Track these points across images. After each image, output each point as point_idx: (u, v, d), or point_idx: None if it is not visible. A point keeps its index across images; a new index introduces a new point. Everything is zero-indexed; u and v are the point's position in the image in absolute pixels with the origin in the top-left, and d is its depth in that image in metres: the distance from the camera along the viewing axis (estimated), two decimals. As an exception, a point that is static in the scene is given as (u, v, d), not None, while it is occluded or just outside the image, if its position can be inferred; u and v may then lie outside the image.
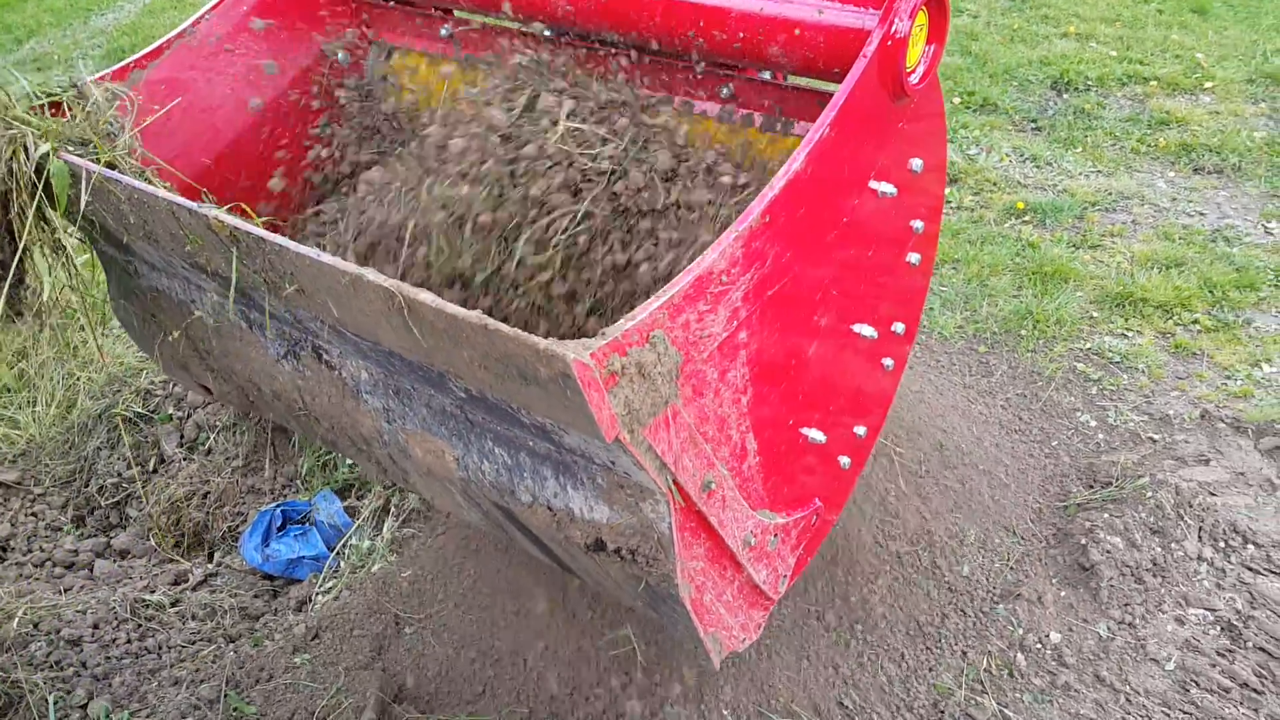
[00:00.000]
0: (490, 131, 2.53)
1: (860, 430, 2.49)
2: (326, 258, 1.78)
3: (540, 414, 1.79)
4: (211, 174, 2.81)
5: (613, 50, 2.69)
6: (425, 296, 1.63)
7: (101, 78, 2.56)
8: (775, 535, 2.22)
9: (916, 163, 2.26)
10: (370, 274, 1.70)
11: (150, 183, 2.28)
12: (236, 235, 1.94)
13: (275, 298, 2.06)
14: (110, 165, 2.30)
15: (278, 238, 1.87)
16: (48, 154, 2.20)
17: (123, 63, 2.66)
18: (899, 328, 2.50)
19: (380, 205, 2.66)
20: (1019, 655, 3.05)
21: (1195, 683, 2.98)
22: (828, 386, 2.29)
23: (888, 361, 2.52)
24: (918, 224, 2.39)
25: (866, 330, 2.31)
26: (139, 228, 2.20)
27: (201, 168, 2.78)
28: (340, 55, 3.08)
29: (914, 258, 2.44)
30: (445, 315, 1.61)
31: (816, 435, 2.24)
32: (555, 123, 2.48)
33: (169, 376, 2.98)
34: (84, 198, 2.17)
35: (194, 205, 1.99)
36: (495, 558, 3.19)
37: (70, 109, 2.39)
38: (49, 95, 2.39)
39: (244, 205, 2.50)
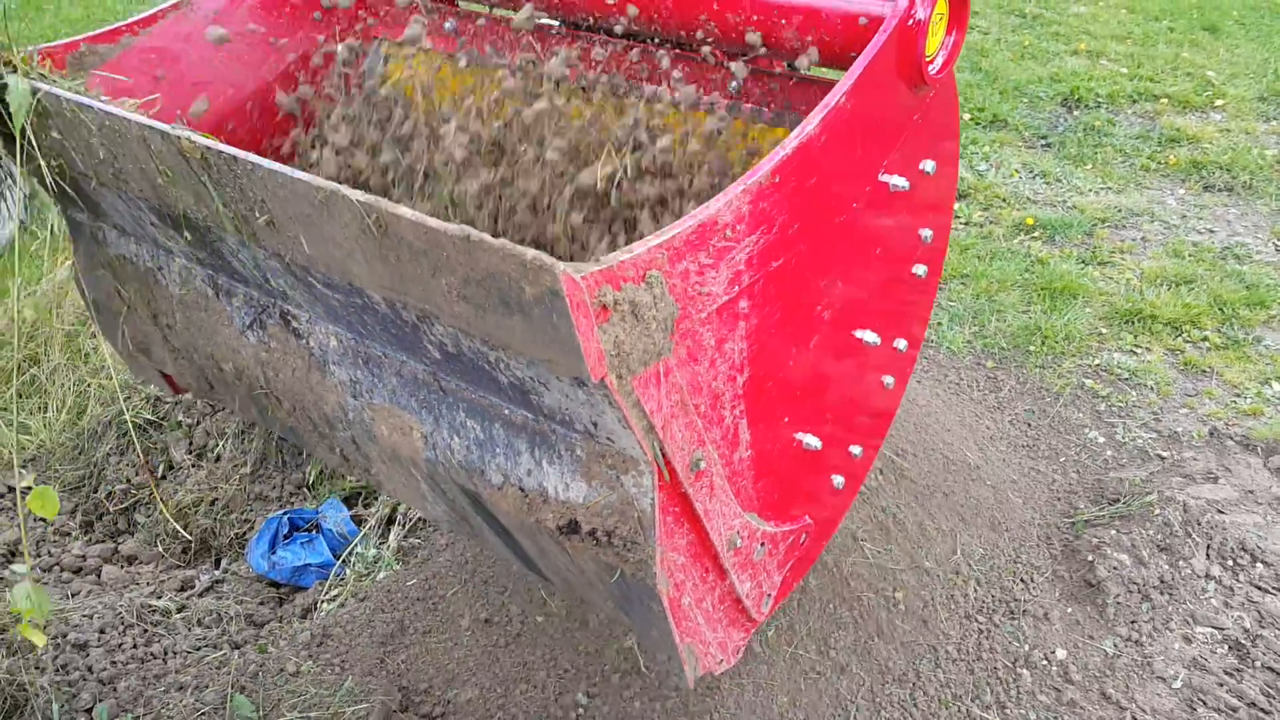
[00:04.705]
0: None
1: (856, 450, 2.39)
2: (301, 175, 1.67)
3: (522, 356, 1.67)
4: None
5: (621, 42, 2.63)
6: (404, 211, 1.52)
7: (91, 38, 2.47)
8: (763, 544, 2.11)
9: (929, 164, 2.22)
10: (346, 190, 1.59)
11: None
12: (208, 158, 1.82)
13: (245, 236, 1.94)
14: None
15: (251, 156, 1.75)
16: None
17: (113, 25, 2.55)
18: (901, 344, 2.43)
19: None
20: (1025, 672, 3.03)
21: (1202, 702, 2.96)
22: (826, 391, 2.21)
23: (888, 379, 2.46)
24: (926, 233, 2.36)
25: (869, 337, 2.23)
26: (108, 164, 2.09)
27: None
28: (339, 49, 2.99)
29: (920, 269, 2.40)
30: (425, 230, 1.50)
31: (812, 441, 2.15)
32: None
33: (129, 366, 2.86)
34: (27, 120, 2.04)
35: (167, 128, 1.87)
36: (504, 565, 3.20)
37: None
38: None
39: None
